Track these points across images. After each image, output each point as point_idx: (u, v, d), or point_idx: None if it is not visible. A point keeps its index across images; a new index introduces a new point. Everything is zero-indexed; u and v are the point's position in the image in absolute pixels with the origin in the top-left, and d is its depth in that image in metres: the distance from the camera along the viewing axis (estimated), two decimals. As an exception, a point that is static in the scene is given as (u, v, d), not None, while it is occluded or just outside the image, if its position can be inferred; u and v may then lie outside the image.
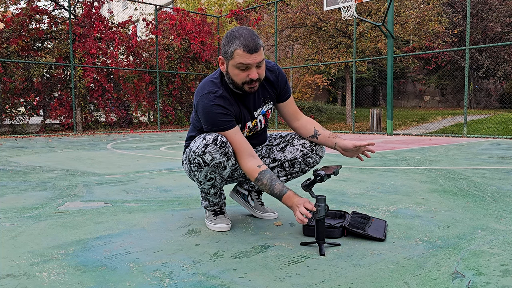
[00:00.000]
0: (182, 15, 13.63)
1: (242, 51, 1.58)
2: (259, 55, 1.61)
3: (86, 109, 12.24)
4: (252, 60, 1.60)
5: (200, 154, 1.62)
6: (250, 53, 1.58)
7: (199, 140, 1.65)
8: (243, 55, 1.58)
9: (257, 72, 1.63)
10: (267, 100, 1.85)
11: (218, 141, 1.61)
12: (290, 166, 1.91)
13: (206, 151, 1.61)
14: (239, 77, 1.63)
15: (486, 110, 16.17)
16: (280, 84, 1.85)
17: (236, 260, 1.44)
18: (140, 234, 1.77)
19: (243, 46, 1.57)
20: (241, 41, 1.58)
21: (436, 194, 2.59)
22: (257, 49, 1.59)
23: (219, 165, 1.65)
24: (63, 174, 3.58)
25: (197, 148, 1.63)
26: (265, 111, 1.86)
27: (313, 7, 12.50)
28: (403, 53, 14.71)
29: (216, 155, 1.62)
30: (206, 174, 1.68)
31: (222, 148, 1.62)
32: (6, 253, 1.54)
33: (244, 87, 1.66)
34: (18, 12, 11.03)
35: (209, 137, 1.62)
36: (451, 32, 15.81)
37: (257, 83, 1.67)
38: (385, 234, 1.70)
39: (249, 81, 1.64)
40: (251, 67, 1.61)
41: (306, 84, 18.04)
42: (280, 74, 1.87)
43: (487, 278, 1.26)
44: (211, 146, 1.61)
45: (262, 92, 1.82)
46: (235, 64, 1.61)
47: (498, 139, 7.71)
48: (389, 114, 9.38)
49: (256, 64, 1.62)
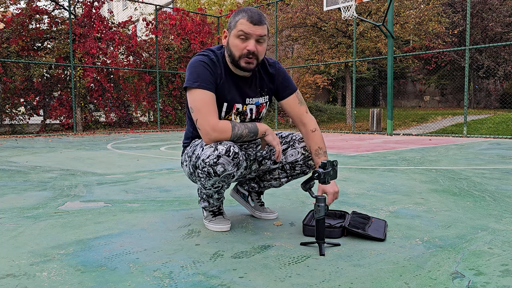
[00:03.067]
0: (182, 15, 13.63)
1: (246, 21, 1.62)
2: (261, 28, 1.63)
3: (86, 109, 12.24)
4: (253, 31, 1.62)
5: (212, 164, 1.57)
6: (252, 24, 1.62)
7: (210, 150, 1.59)
8: (246, 24, 1.62)
9: (255, 47, 1.64)
10: (264, 93, 1.83)
11: (231, 153, 1.57)
12: (291, 169, 1.90)
13: (219, 162, 1.56)
14: (237, 48, 1.64)
15: (486, 110, 16.17)
16: (278, 78, 1.84)
17: (236, 260, 1.44)
18: (140, 234, 1.77)
19: (248, 17, 1.62)
20: (246, 13, 1.63)
21: (436, 194, 2.59)
22: (260, 22, 1.63)
23: (229, 176, 1.63)
24: (63, 174, 3.58)
25: (208, 158, 1.58)
26: (260, 103, 1.82)
27: (313, 7, 12.51)
28: (403, 53, 14.72)
29: (228, 167, 1.58)
30: (214, 183, 1.66)
31: (234, 160, 1.58)
32: (6, 253, 1.54)
33: (241, 61, 1.66)
34: (18, 12, 11.03)
35: (222, 147, 1.57)
36: (451, 32, 15.81)
37: (255, 60, 1.66)
38: (385, 234, 1.69)
39: (246, 54, 1.64)
40: (250, 37, 1.63)
41: (306, 84, 18.03)
42: (280, 69, 1.86)
43: (487, 278, 1.26)
44: (224, 158, 1.57)
45: (259, 82, 1.81)
46: (236, 33, 1.64)
47: (498, 139, 7.71)
48: (389, 114, 9.38)
49: (256, 37, 1.63)
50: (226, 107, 1.74)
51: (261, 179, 1.99)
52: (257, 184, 2.02)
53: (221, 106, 1.73)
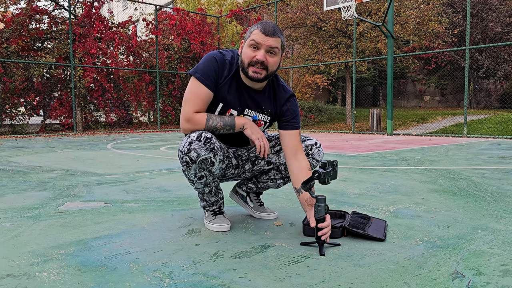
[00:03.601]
0: (182, 15, 13.63)
1: (259, 31, 1.66)
2: (273, 40, 1.65)
3: (86, 109, 12.24)
4: (264, 41, 1.64)
5: (186, 152, 1.63)
6: (264, 34, 1.65)
7: (184, 139, 1.68)
8: (258, 34, 1.65)
9: (265, 57, 1.65)
10: (265, 112, 1.81)
11: (202, 137, 1.63)
12: (286, 170, 1.90)
13: (191, 148, 1.62)
14: (247, 56, 1.67)
15: (486, 110, 16.17)
16: (282, 103, 1.80)
17: (236, 260, 1.44)
18: (140, 234, 1.77)
19: (262, 28, 1.66)
20: (262, 24, 1.68)
21: (436, 194, 2.59)
22: (273, 34, 1.65)
23: (206, 161, 1.65)
24: (63, 174, 3.58)
25: (183, 147, 1.65)
26: (257, 119, 1.81)
27: (313, 7, 12.51)
28: (403, 53, 14.71)
29: (201, 151, 1.62)
30: (196, 172, 1.68)
31: (206, 144, 1.63)
32: (6, 253, 1.54)
33: (249, 69, 1.67)
34: (18, 12, 11.03)
35: (193, 134, 1.64)
36: (451, 32, 15.81)
37: (264, 71, 1.67)
38: (385, 234, 1.70)
39: (255, 62, 1.66)
40: (261, 47, 1.65)
41: (306, 84, 18.04)
42: (291, 100, 1.81)
43: (487, 278, 1.26)
44: (196, 143, 1.62)
45: (263, 101, 1.79)
46: (249, 42, 1.67)
47: (498, 139, 7.71)
48: (389, 114, 9.38)
49: (267, 48, 1.65)
50: (221, 107, 1.76)
51: (257, 179, 2.00)
52: (254, 185, 2.02)
53: (217, 105, 1.76)
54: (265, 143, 1.70)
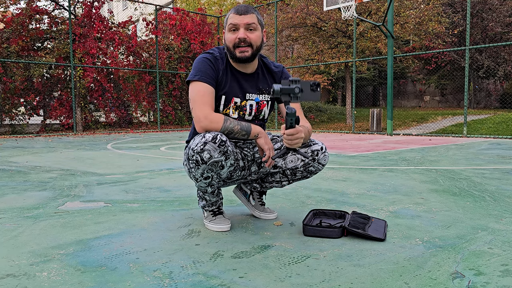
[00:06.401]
0: (182, 15, 13.63)
1: (233, 14, 1.73)
2: (248, 17, 1.72)
3: (86, 109, 12.24)
4: (241, 20, 1.71)
5: (199, 151, 1.62)
6: (239, 14, 1.71)
7: (198, 138, 1.65)
8: (233, 17, 1.73)
9: (246, 34, 1.71)
10: (264, 91, 1.87)
11: (217, 139, 1.62)
12: (292, 174, 1.90)
13: (205, 149, 1.61)
14: (230, 40, 1.74)
15: (486, 110, 16.17)
16: (279, 76, 1.90)
17: (236, 260, 1.44)
18: (140, 234, 1.77)
19: (235, 10, 1.74)
20: (234, 8, 1.75)
21: (436, 194, 2.59)
22: (246, 12, 1.71)
23: (216, 164, 1.64)
24: (63, 174, 3.58)
25: (196, 146, 1.63)
26: (259, 100, 1.86)
27: (313, 7, 12.51)
28: (403, 53, 14.72)
29: (214, 154, 1.61)
30: (203, 172, 1.67)
31: (221, 147, 1.62)
32: (6, 253, 1.54)
33: (235, 51, 1.73)
34: (18, 12, 11.04)
35: (208, 135, 1.63)
36: (451, 32, 15.81)
37: (249, 48, 1.73)
38: (385, 234, 1.70)
39: (238, 42, 1.71)
40: (239, 27, 1.72)
41: (306, 84, 18.00)
42: (284, 72, 1.92)
43: (487, 278, 1.26)
44: (210, 144, 1.61)
45: (259, 82, 1.86)
46: (228, 27, 1.74)
47: (498, 139, 7.71)
48: (389, 114, 9.38)
49: (244, 26, 1.71)
50: (224, 100, 1.79)
51: (263, 180, 2.00)
52: (259, 185, 2.03)
53: (220, 99, 1.78)
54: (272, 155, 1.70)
